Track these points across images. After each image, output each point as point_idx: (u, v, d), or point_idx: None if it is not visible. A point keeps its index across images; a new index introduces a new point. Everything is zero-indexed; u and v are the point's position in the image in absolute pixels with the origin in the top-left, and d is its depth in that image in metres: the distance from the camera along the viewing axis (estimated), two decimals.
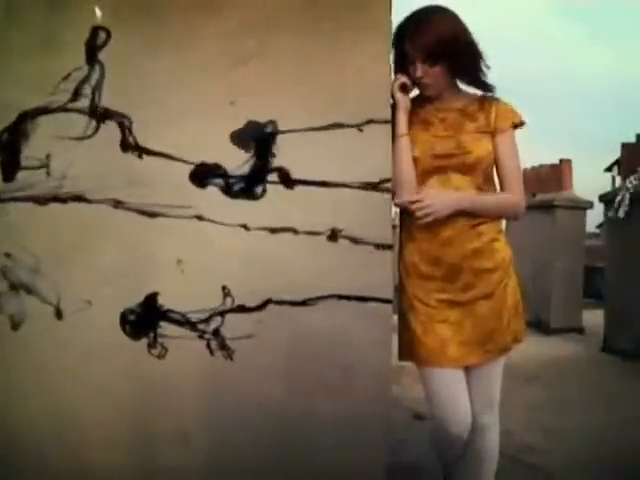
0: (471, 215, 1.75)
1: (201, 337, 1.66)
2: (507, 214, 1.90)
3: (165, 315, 1.67)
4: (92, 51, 1.65)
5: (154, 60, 1.65)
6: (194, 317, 1.66)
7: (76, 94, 1.65)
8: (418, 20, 1.72)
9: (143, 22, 1.65)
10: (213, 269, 1.67)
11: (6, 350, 1.68)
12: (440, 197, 1.72)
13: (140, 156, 1.66)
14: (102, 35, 1.65)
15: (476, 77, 1.78)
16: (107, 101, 1.65)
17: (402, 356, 1.84)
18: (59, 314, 1.66)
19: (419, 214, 1.71)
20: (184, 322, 1.66)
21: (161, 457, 1.69)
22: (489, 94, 1.81)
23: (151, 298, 1.66)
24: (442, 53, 1.70)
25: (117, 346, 1.67)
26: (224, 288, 1.66)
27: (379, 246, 1.68)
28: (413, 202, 1.71)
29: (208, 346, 1.67)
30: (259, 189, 1.66)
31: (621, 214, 4.57)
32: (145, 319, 1.66)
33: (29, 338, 1.67)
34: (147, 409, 1.68)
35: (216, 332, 1.66)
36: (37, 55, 1.65)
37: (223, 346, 1.66)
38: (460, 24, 1.75)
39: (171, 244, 1.67)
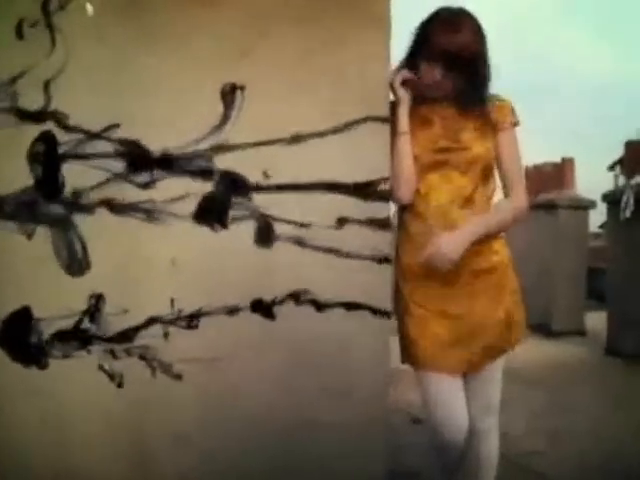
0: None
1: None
2: (513, 225, 1.82)
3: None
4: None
5: (150, 53, 1.61)
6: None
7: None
8: (452, 23, 1.66)
9: (137, 13, 1.61)
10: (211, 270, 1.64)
11: None
12: (450, 239, 1.65)
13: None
14: None
15: (482, 90, 1.72)
16: (101, 100, 1.60)
17: (403, 359, 1.82)
18: None
19: (439, 265, 1.65)
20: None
21: (159, 463, 1.65)
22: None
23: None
24: (467, 62, 1.65)
25: None
26: (172, 301, 1.60)
27: (378, 250, 1.66)
28: (428, 256, 1.65)
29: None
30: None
31: (628, 214, 4.54)
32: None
33: None
34: (143, 415, 1.64)
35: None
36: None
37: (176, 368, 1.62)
38: (485, 36, 1.70)
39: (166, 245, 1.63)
